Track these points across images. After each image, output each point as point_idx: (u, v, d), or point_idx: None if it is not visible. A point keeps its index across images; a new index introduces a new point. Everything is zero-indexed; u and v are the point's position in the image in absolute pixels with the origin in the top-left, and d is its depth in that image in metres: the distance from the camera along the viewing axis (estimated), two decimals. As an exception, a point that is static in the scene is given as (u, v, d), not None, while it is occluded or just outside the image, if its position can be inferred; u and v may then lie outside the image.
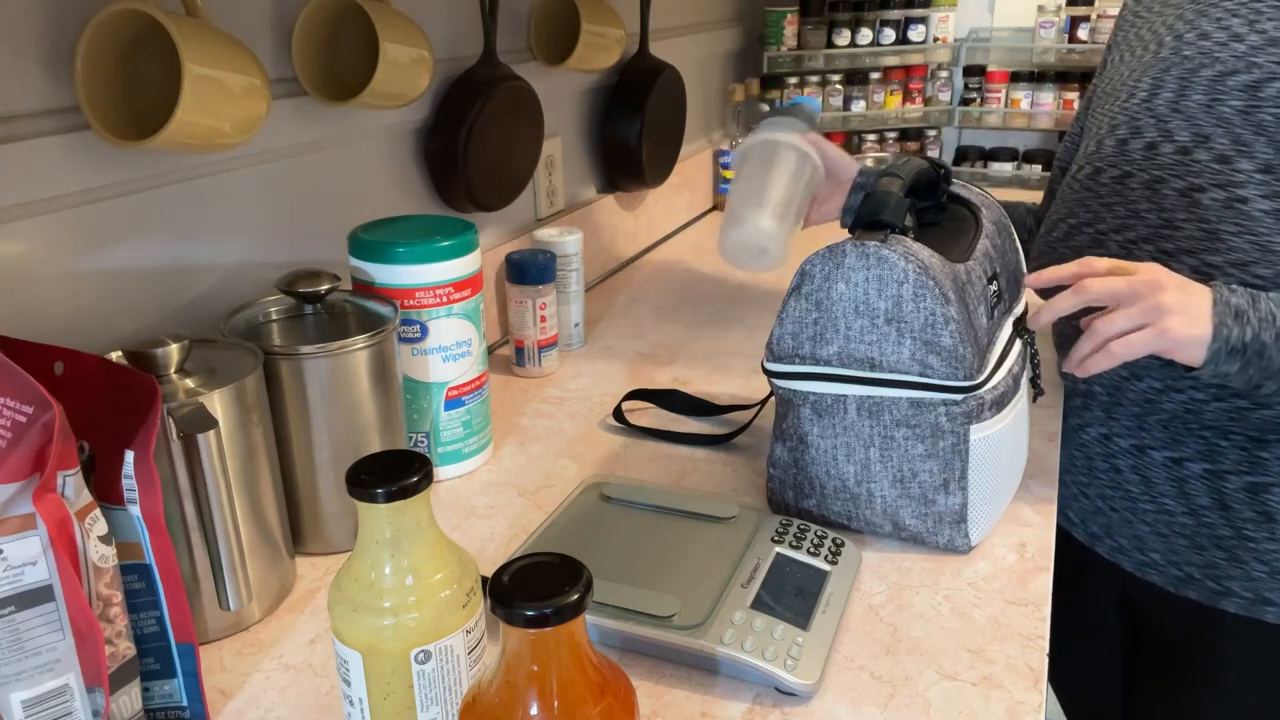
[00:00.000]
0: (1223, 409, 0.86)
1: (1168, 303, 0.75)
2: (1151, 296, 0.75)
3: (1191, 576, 0.93)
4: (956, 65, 2.07)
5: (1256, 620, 0.91)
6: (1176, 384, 0.87)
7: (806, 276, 0.75)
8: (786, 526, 0.76)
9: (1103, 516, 0.98)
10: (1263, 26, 0.84)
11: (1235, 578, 0.90)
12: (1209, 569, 0.91)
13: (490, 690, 0.44)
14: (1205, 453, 0.89)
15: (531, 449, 0.97)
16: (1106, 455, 0.96)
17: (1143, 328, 0.76)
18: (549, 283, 1.11)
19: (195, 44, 0.68)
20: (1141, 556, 0.96)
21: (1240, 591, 0.91)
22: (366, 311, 0.83)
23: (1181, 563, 0.93)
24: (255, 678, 0.66)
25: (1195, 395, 0.87)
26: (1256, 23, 0.84)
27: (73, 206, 0.73)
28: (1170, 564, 0.94)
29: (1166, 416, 0.90)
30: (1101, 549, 1.00)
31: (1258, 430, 0.86)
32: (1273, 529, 0.88)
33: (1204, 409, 0.87)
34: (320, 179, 0.96)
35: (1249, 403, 0.84)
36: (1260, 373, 0.76)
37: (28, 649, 0.51)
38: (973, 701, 0.62)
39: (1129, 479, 0.94)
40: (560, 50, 1.26)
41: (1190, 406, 0.87)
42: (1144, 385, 0.90)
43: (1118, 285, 0.76)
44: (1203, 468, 0.89)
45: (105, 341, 0.77)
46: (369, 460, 0.51)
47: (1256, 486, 0.87)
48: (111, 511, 0.56)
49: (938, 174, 0.82)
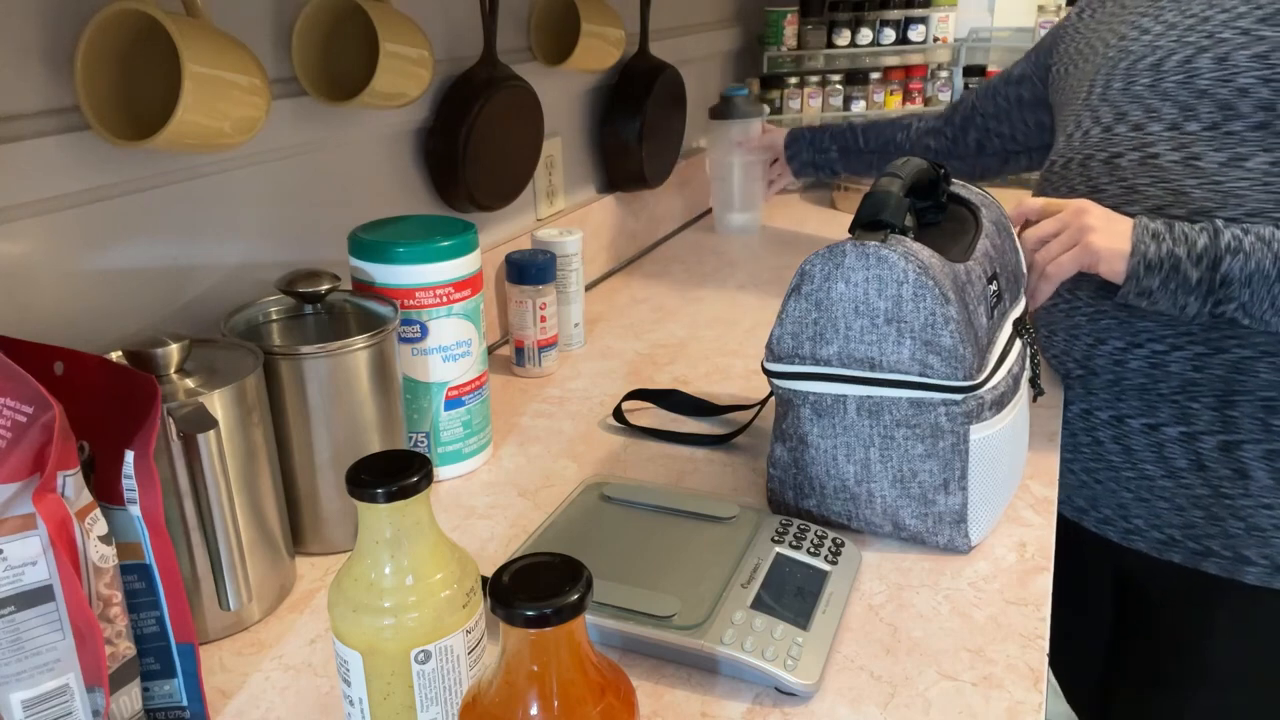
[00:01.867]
0: (1184, 359, 0.93)
1: (1091, 223, 0.88)
2: (1076, 220, 0.89)
3: (1173, 539, 0.98)
4: (956, 65, 2.07)
5: (1238, 583, 0.96)
6: (1136, 339, 0.95)
7: (806, 276, 0.75)
8: (786, 526, 0.76)
9: (1088, 489, 1.04)
10: (1165, 17, 0.98)
11: (1214, 536, 0.96)
12: (1189, 529, 0.97)
13: (490, 690, 0.44)
14: (1179, 416, 0.95)
15: (531, 449, 0.97)
16: (1089, 429, 1.02)
17: (1070, 248, 0.89)
18: (549, 283, 1.11)
19: (195, 44, 0.68)
20: (1126, 524, 1.02)
21: (1220, 550, 0.96)
22: (366, 311, 0.83)
23: (1164, 525, 0.99)
24: (255, 678, 0.66)
25: (1155, 348, 0.94)
26: (1160, 15, 0.98)
27: (73, 206, 0.73)
28: (1153, 528, 1.00)
29: (1138, 380, 0.97)
30: (1089, 522, 1.06)
31: (1224, 386, 0.92)
32: (1247, 485, 0.94)
33: (1168, 362, 0.94)
34: (320, 179, 0.96)
35: (1206, 348, 0.92)
36: (1181, 289, 0.86)
37: (28, 649, 0.51)
38: (973, 701, 0.62)
39: (1110, 449, 1.01)
40: (560, 50, 1.26)
41: (1154, 361, 0.95)
42: (1109, 348, 0.97)
43: (1048, 226, 0.91)
44: (1178, 431, 0.96)
45: (105, 341, 0.77)
46: (369, 460, 0.51)
47: (1229, 444, 0.93)
48: (111, 511, 0.56)
49: (938, 174, 0.82)
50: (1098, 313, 0.98)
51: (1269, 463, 0.92)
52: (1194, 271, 0.85)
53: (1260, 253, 0.83)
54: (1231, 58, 0.89)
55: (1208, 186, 0.89)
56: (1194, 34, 0.93)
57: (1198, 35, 0.92)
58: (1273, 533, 0.94)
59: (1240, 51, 0.88)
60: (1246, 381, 0.91)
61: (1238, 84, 0.88)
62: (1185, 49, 0.93)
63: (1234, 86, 0.88)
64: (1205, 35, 0.92)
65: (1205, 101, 0.90)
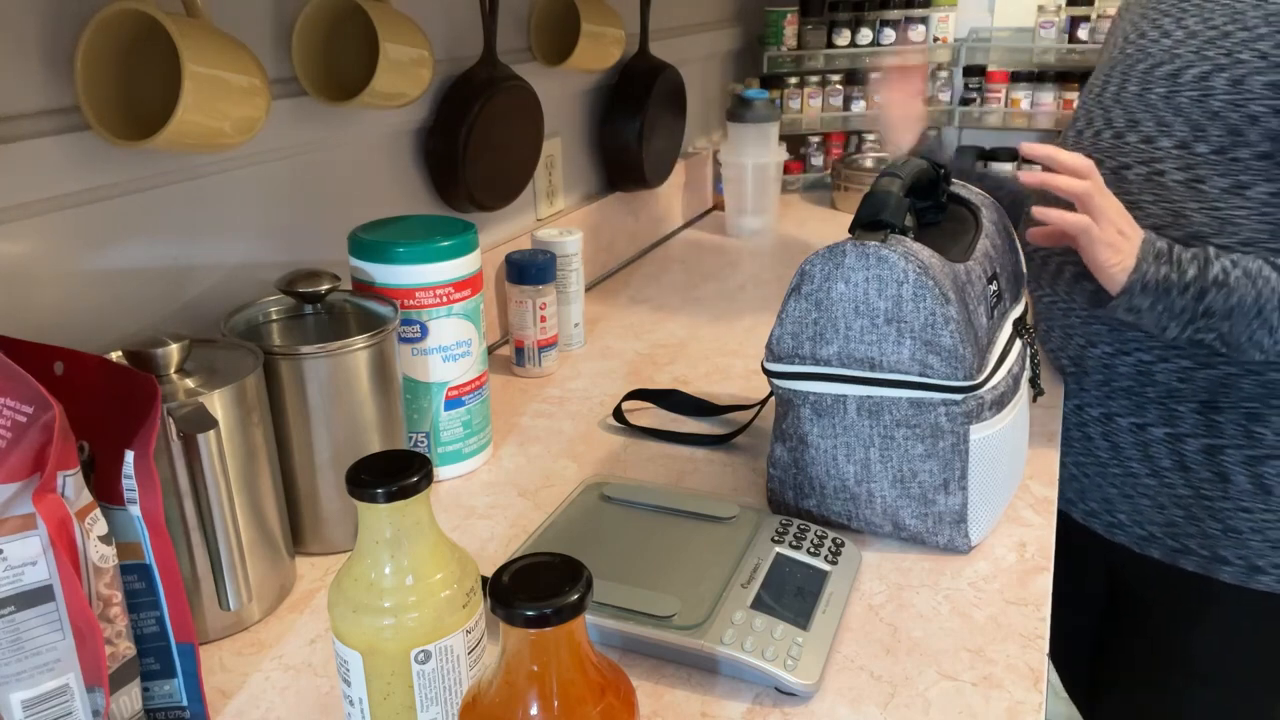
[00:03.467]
0: (1170, 370, 0.95)
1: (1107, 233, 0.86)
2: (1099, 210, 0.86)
3: (1154, 535, 1.01)
4: (956, 65, 2.07)
5: (1215, 581, 0.98)
6: (1124, 347, 0.96)
7: (806, 276, 0.75)
8: (786, 526, 0.76)
9: (1076, 482, 1.07)
10: (1186, 23, 0.95)
11: (1192, 535, 0.98)
12: (1169, 527, 1.00)
13: (490, 690, 0.44)
14: (1165, 418, 0.97)
15: (531, 449, 0.97)
16: (1080, 424, 1.04)
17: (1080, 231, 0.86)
18: (549, 283, 1.11)
19: (195, 44, 0.68)
20: (1110, 518, 1.04)
21: (1197, 549, 0.98)
22: (366, 311, 0.83)
23: (1145, 522, 1.01)
24: (255, 678, 0.66)
25: (1143, 357, 0.96)
26: (1182, 19, 0.96)
27: (73, 206, 0.73)
28: (1135, 524, 1.02)
29: (1126, 383, 0.98)
30: (1076, 514, 1.09)
31: (1209, 394, 0.94)
32: (1226, 488, 0.96)
33: (1154, 370, 0.95)
34: (320, 179, 0.96)
35: (1192, 362, 0.93)
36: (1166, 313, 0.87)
37: (28, 649, 0.51)
38: (973, 701, 0.62)
39: (1099, 445, 1.03)
40: (560, 50, 1.26)
41: (1142, 369, 0.96)
42: (1099, 352, 0.99)
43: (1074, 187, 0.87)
44: (1164, 432, 0.97)
45: (105, 341, 0.77)
46: (369, 460, 0.51)
47: (1212, 449, 0.95)
48: (111, 511, 0.56)
49: (938, 174, 0.82)
50: (1091, 316, 0.99)
51: (1249, 468, 0.94)
52: (1179, 300, 0.86)
53: (1244, 288, 0.85)
54: (1247, 82, 0.88)
55: (1207, 211, 0.90)
56: (1213, 49, 0.91)
57: (1216, 51, 0.91)
58: (1249, 535, 0.96)
59: (1256, 77, 0.87)
60: (1230, 393, 0.93)
61: (1249, 110, 0.88)
62: (1203, 64, 0.92)
63: (1245, 113, 0.88)
64: (1224, 53, 0.91)
65: (1216, 124, 0.90)
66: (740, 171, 1.66)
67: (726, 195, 1.70)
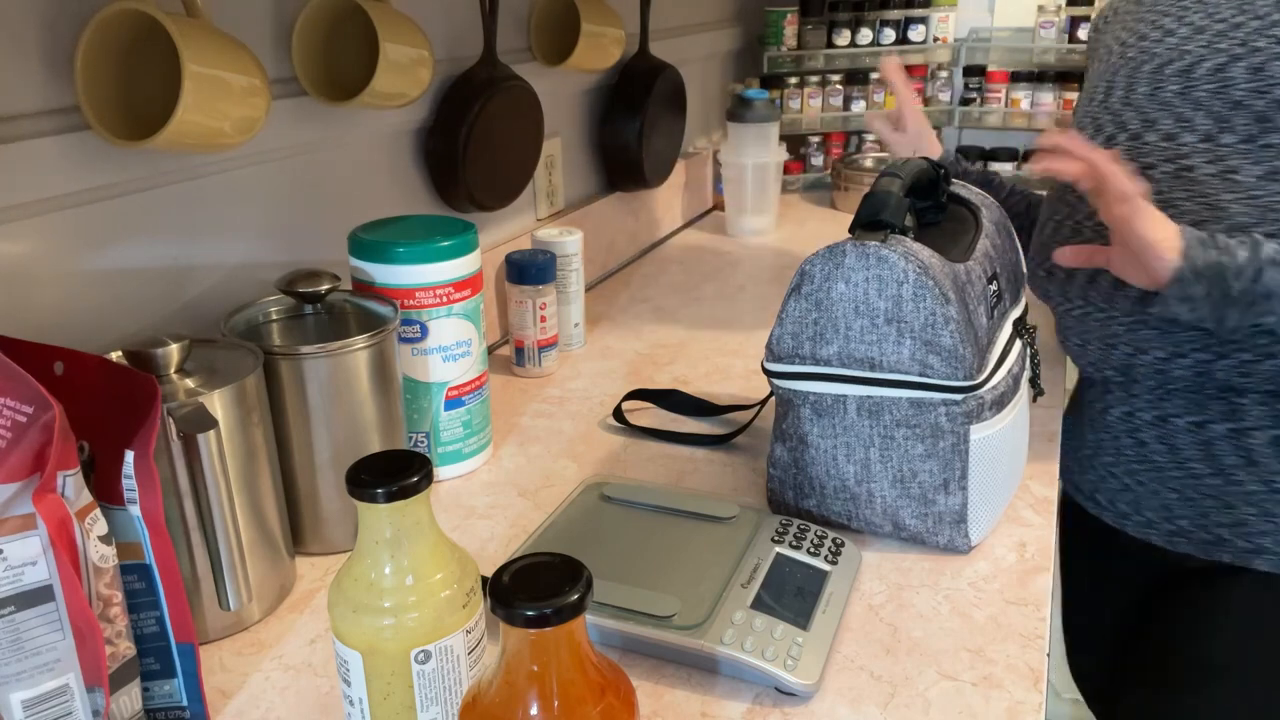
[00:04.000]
0: (1231, 366, 0.90)
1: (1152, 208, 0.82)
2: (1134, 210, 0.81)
3: (1222, 538, 0.96)
4: (956, 65, 2.07)
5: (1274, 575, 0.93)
6: (1180, 349, 0.92)
7: (806, 276, 0.75)
8: (786, 526, 0.76)
9: (1130, 493, 1.02)
10: (1190, 19, 0.94)
11: (1267, 533, 0.93)
12: (1239, 527, 0.94)
13: (490, 690, 0.44)
14: (1228, 413, 0.93)
15: (531, 449, 0.97)
16: (1131, 431, 1.00)
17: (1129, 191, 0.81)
18: (549, 283, 1.11)
19: (195, 44, 0.68)
20: (1170, 526, 0.99)
21: (1272, 547, 0.94)
22: (366, 311, 0.83)
23: (1211, 525, 0.96)
24: (255, 678, 0.66)
25: (1200, 357, 0.91)
26: (1184, 17, 0.95)
27: (73, 206, 0.73)
28: (1199, 529, 0.97)
29: (1182, 385, 0.94)
30: (1130, 527, 1.03)
31: (1273, 383, 0.90)
32: None
33: (1214, 369, 0.91)
34: (320, 179, 0.96)
35: (1253, 355, 0.89)
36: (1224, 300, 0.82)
37: (28, 649, 0.51)
38: (973, 701, 0.62)
39: (1155, 449, 0.98)
40: (560, 50, 1.26)
41: (1200, 370, 0.92)
42: (1150, 358, 0.94)
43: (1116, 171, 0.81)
44: (1226, 428, 0.93)
45: (105, 341, 0.77)
46: (369, 460, 0.51)
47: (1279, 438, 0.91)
48: (111, 511, 0.56)
49: (938, 174, 0.82)
50: (1137, 322, 0.95)
51: None
52: (1236, 283, 0.83)
53: None
54: (1268, 68, 0.87)
55: (1245, 201, 0.87)
56: (1225, 40, 0.90)
57: (1229, 42, 0.90)
58: None
59: (1276, 62, 0.86)
60: None
61: (1275, 95, 0.86)
62: (1217, 56, 0.90)
63: (1271, 99, 0.86)
64: (1238, 43, 0.89)
65: (1241, 113, 0.88)
66: (740, 171, 1.66)
67: (726, 195, 1.70)
